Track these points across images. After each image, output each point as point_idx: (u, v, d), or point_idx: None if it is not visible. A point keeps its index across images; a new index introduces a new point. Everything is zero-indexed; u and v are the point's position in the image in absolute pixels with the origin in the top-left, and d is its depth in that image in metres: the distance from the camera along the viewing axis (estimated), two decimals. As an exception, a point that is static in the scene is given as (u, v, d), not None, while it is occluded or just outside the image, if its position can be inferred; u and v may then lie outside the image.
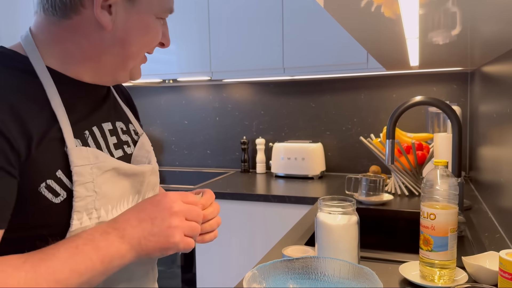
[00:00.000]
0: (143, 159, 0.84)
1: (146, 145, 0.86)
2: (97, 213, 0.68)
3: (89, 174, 0.67)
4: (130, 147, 0.82)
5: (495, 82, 1.58)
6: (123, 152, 0.79)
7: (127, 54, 0.73)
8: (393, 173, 2.02)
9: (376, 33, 1.09)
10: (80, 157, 0.67)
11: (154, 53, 0.82)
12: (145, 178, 0.80)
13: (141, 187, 0.80)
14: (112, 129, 0.79)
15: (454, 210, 0.96)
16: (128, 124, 0.85)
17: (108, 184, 0.71)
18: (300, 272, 0.81)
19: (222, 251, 2.23)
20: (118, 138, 0.79)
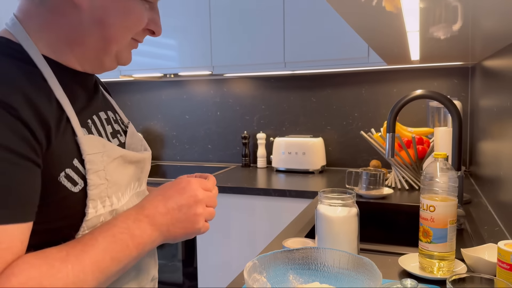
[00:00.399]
0: (138, 146, 0.84)
1: (136, 133, 0.86)
2: (110, 201, 0.69)
3: (100, 162, 0.68)
4: (122, 136, 0.82)
5: (495, 77, 1.58)
6: (118, 141, 0.79)
7: (108, 37, 0.70)
8: (393, 167, 2.03)
9: (377, 27, 1.09)
10: (90, 146, 0.67)
11: (155, 48, 0.82)
12: (145, 165, 0.82)
13: (141, 174, 0.81)
14: (107, 118, 0.78)
15: (453, 202, 0.97)
16: (115, 114, 0.84)
17: (117, 171, 0.71)
18: (300, 262, 0.82)
19: (223, 245, 2.24)
20: (112, 127, 0.79)
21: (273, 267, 0.80)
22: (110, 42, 0.70)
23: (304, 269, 0.82)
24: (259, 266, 0.78)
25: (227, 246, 2.24)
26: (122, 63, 0.76)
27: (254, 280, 0.75)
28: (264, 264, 0.79)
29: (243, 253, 2.21)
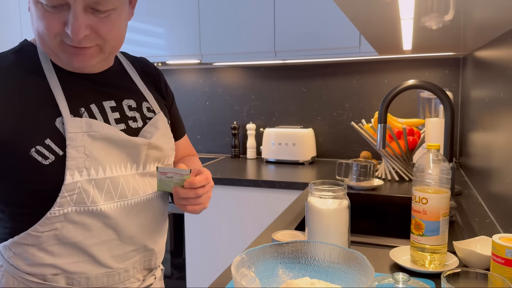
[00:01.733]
0: (147, 134, 0.92)
1: (159, 123, 0.94)
2: (87, 172, 0.81)
3: (80, 139, 0.80)
4: (137, 122, 0.92)
5: (487, 67, 1.56)
6: (126, 126, 0.89)
7: (40, 42, 0.81)
8: (384, 159, 2.01)
9: (371, 14, 1.07)
10: (73, 126, 0.80)
11: (142, 36, 0.84)
12: (139, 150, 0.88)
13: (138, 158, 0.88)
14: (115, 106, 0.90)
15: (446, 194, 0.95)
16: (142, 102, 0.95)
17: (100, 150, 0.83)
18: (289, 256, 0.79)
19: (211, 236, 2.21)
20: (123, 114, 0.90)
21: (262, 262, 0.78)
22: (42, 46, 0.81)
23: (294, 263, 0.80)
24: (248, 261, 0.75)
25: (216, 238, 2.21)
26: (73, 69, 0.85)
27: (242, 276, 0.73)
28: (253, 259, 0.77)
29: (232, 245, 2.18)
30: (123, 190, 0.86)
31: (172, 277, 2.33)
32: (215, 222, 2.20)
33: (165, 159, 0.96)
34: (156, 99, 1.00)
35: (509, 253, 0.75)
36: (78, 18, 0.75)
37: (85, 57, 0.81)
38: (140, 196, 0.89)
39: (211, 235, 2.22)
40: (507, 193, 1.21)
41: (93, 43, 0.80)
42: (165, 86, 1.07)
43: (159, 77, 1.06)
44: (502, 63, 1.33)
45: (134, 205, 0.88)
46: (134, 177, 0.89)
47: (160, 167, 0.86)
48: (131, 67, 1.00)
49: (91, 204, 0.81)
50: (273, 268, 0.78)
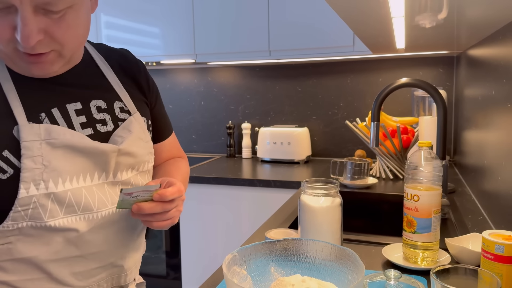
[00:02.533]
0: (118, 139, 0.82)
1: (133, 125, 0.85)
2: (45, 185, 0.72)
3: (37, 148, 0.72)
4: (107, 125, 0.83)
5: (480, 65, 1.57)
6: (93, 130, 0.80)
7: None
8: (378, 157, 2.02)
9: (363, 13, 1.07)
10: (30, 133, 0.71)
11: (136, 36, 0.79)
12: (108, 158, 0.79)
13: (106, 166, 0.80)
14: (81, 109, 0.80)
15: (437, 191, 0.95)
16: (114, 102, 0.85)
17: (61, 159, 0.74)
18: (281, 254, 0.80)
19: (207, 236, 2.22)
20: (90, 117, 0.81)
21: (254, 259, 0.78)
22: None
23: (286, 261, 0.80)
24: (239, 259, 0.76)
25: (211, 238, 2.21)
26: (31, 73, 0.74)
27: (233, 273, 0.73)
28: (245, 257, 0.77)
29: (227, 244, 2.18)
30: (87, 202, 0.77)
31: (168, 277, 2.33)
32: (211, 222, 2.20)
33: (140, 165, 0.87)
34: (133, 97, 0.90)
35: (498, 248, 0.75)
36: (28, 22, 0.64)
37: (44, 65, 0.72)
38: (108, 208, 0.80)
39: (206, 234, 2.22)
40: (499, 190, 1.22)
41: (49, 48, 0.69)
42: (146, 81, 0.96)
43: (140, 70, 0.95)
44: (494, 61, 1.34)
45: (101, 218, 0.79)
46: (102, 187, 0.80)
47: (125, 188, 0.74)
48: (103, 61, 0.89)
49: (48, 219, 0.72)
50: (265, 266, 0.79)
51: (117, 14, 2.57)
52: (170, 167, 1.01)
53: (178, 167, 1.03)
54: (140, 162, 0.86)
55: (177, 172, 0.99)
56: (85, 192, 0.76)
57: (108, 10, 2.59)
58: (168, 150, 1.05)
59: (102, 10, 2.60)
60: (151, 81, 0.98)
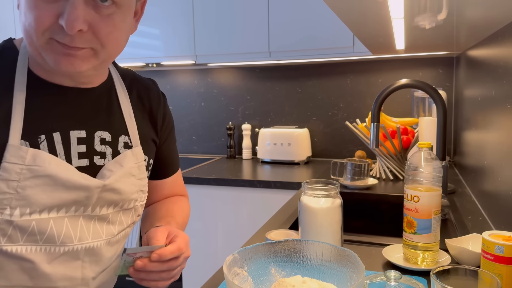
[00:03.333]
0: (107, 173, 0.77)
1: (127, 159, 0.80)
2: (10, 212, 0.67)
3: (16, 173, 0.67)
4: (105, 159, 0.78)
5: (480, 66, 1.57)
6: (89, 162, 0.76)
7: (25, 38, 0.68)
8: (378, 158, 2.02)
9: (362, 14, 1.07)
10: (14, 155, 0.67)
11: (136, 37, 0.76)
12: (91, 193, 0.74)
13: (88, 201, 0.74)
14: (85, 138, 0.76)
15: (437, 192, 0.95)
16: (120, 136, 0.81)
17: (37, 189, 0.69)
18: (282, 255, 0.80)
19: (207, 237, 2.22)
20: (91, 147, 0.77)
21: (255, 261, 0.78)
22: (28, 43, 0.68)
23: (286, 262, 0.80)
24: (240, 260, 0.76)
25: (212, 239, 2.21)
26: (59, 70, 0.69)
27: (234, 275, 0.73)
28: (245, 258, 0.77)
29: (228, 245, 2.19)
30: (51, 234, 0.71)
31: (168, 278, 2.33)
32: (211, 223, 2.20)
33: (125, 203, 0.81)
34: (141, 132, 0.86)
35: (498, 249, 0.76)
36: (78, 6, 0.63)
37: (76, 60, 0.68)
38: (73, 244, 0.73)
39: (207, 235, 2.22)
40: (499, 191, 1.22)
41: (88, 44, 0.67)
42: (163, 116, 0.92)
43: (159, 105, 0.91)
44: (493, 62, 1.34)
45: (64, 253, 0.73)
46: (77, 219, 0.74)
47: (129, 248, 0.68)
48: (123, 88, 0.85)
49: (6, 243, 0.68)
50: (265, 267, 0.79)
51: (117, 16, 2.57)
52: (173, 206, 0.96)
53: (181, 207, 0.98)
54: (125, 199, 0.80)
55: (179, 213, 0.95)
56: (53, 223, 0.71)
57: (108, 11, 2.58)
58: (169, 187, 1.00)
59: (102, 11, 2.60)
60: (168, 117, 0.94)
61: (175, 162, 1.00)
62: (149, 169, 0.89)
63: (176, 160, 1.00)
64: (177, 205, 0.97)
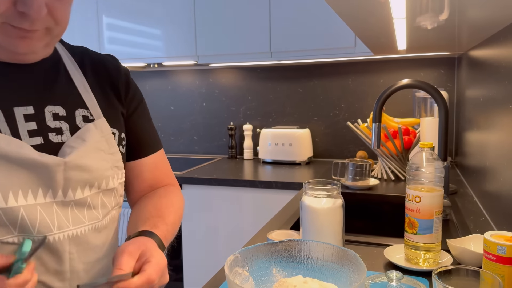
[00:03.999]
0: (67, 149, 0.71)
1: (90, 133, 0.75)
2: None
3: None
4: (63, 135, 0.72)
5: (481, 66, 1.57)
6: (43, 140, 0.70)
7: None
8: (380, 158, 2.02)
9: (364, 15, 1.07)
10: None
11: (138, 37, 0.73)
12: (52, 172, 0.68)
13: (52, 182, 0.69)
14: (33, 114, 0.70)
15: (439, 192, 0.95)
16: (77, 109, 0.75)
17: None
18: (283, 255, 0.80)
19: (209, 237, 2.22)
20: (42, 124, 0.71)
21: (256, 261, 0.78)
22: None
23: (287, 262, 0.80)
24: (241, 260, 0.76)
25: (213, 239, 2.21)
26: (16, 52, 0.67)
27: (235, 275, 0.73)
28: (247, 258, 0.77)
29: (229, 245, 2.19)
30: (24, 224, 0.66)
31: (169, 279, 2.33)
32: (212, 223, 2.20)
33: (101, 182, 0.75)
34: (103, 104, 0.80)
35: (500, 250, 0.75)
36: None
37: (33, 41, 0.66)
38: (53, 233, 0.68)
39: (208, 236, 2.22)
40: (501, 191, 1.22)
41: (45, 25, 0.66)
42: (125, 87, 0.86)
43: (119, 75, 0.85)
44: (495, 62, 1.34)
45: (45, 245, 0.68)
46: (50, 207, 0.69)
47: (82, 284, 0.61)
48: (73, 63, 0.80)
49: None
50: (267, 267, 0.79)
51: (119, 16, 2.58)
52: (161, 201, 0.87)
53: (170, 201, 0.88)
54: (99, 177, 0.75)
55: (168, 209, 0.85)
56: (23, 211, 0.66)
57: (110, 12, 2.59)
58: (150, 171, 0.91)
59: (104, 12, 2.61)
60: (134, 89, 0.88)
61: (151, 140, 0.92)
62: (123, 145, 0.84)
63: (153, 139, 0.93)
64: (165, 200, 0.87)
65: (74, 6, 2.92)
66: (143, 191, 0.92)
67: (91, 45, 2.64)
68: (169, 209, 0.85)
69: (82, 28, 2.67)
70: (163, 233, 0.77)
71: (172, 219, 0.83)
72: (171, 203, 0.87)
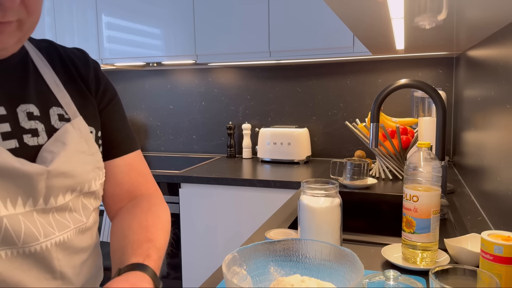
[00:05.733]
0: (47, 155, 0.66)
1: (69, 135, 0.70)
2: None
3: None
4: (39, 137, 0.67)
5: (479, 66, 1.58)
6: (18, 143, 0.64)
7: None
8: (378, 157, 2.03)
9: (362, 15, 1.07)
10: None
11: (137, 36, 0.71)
12: (33, 182, 0.63)
13: (33, 191, 0.64)
14: (5, 115, 0.64)
15: (437, 192, 0.96)
16: (50, 108, 0.70)
17: None
18: (281, 254, 0.80)
19: (207, 236, 2.22)
20: (16, 125, 0.65)
21: (254, 260, 0.78)
22: None
23: (285, 261, 0.80)
24: (239, 259, 0.76)
25: (212, 237, 2.22)
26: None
27: (233, 273, 0.73)
28: (244, 257, 0.77)
29: (228, 244, 2.19)
30: (8, 235, 0.61)
31: (168, 277, 2.33)
32: (211, 222, 2.21)
33: (84, 185, 0.71)
34: (78, 101, 0.75)
35: (497, 249, 0.76)
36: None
37: (4, 36, 0.61)
38: (40, 242, 0.64)
39: (207, 234, 2.22)
40: (498, 191, 1.22)
41: (17, 16, 0.60)
42: (95, 81, 0.80)
43: (89, 69, 0.80)
44: (493, 62, 1.34)
45: (30, 255, 0.63)
46: (31, 216, 0.64)
47: None
48: (40, 58, 0.74)
49: None
50: (264, 266, 0.79)
51: (118, 15, 2.57)
52: (147, 219, 0.78)
53: (158, 217, 0.79)
54: (82, 182, 0.71)
55: (156, 228, 0.77)
56: (6, 222, 0.61)
57: (109, 11, 2.59)
58: (125, 173, 0.83)
59: (103, 11, 2.60)
60: (105, 84, 0.82)
61: (125, 140, 0.84)
62: (99, 144, 0.78)
63: (128, 139, 0.85)
64: (152, 216, 0.79)
65: (73, 5, 2.90)
66: (119, 196, 0.84)
67: (90, 44, 2.64)
68: (157, 226, 0.77)
69: (81, 27, 2.67)
70: (157, 264, 0.70)
71: (163, 241, 0.76)
72: (158, 220, 0.79)
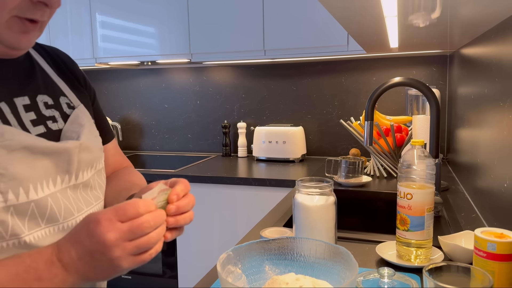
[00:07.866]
0: (73, 134, 0.75)
1: (81, 118, 0.78)
2: (3, 197, 0.61)
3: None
4: (58, 122, 0.74)
5: (473, 64, 1.58)
6: (45, 128, 0.71)
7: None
8: (372, 155, 2.03)
9: (355, 13, 1.08)
10: None
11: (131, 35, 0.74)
12: (71, 156, 0.71)
13: (70, 166, 0.71)
14: (30, 104, 0.71)
15: (430, 189, 0.96)
16: (59, 97, 0.78)
17: (20, 164, 0.63)
18: (276, 253, 0.80)
19: (203, 235, 2.22)
20: (39, 113, 0.72)
21: (249, 258, 0.78)
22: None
23: (280, 260, 0.80)
24: (234, 258, 0.76)
25: (207, 236, 2.22)
26: (13, 46, 0.67)
27: (228, 272, 0.73)
28: (239, 255, 0.77)
29: (224, 243, 2.19)
30: (53, 213, 0.67)
31: (164, 276, 2.33)
32: (207, 221, 2.21)
33: (98, 162, 0.80)
34: (74, 91, 0.83)
35: (490, 246, 0.76)
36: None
37: (31, 36, 0.67)
38: (74, 217, 0.71)
39: (202, 233, 2.22)
40: (492, 188, 1.23)
41: (47, 16, 0.67)
42: (83, 77, 0.89)
43: (74, 64, 0.88)
44: (486, 60, 1.35)
45: (68, 229, 0.70)
46: (65, 192, 0.71)
47: (145, 194, 0.64)
48: (36, 54, 0.80)
49: (11, 237, 0.62)
50: (259, 265, 0.79)
51: (113, 14, 2.56)
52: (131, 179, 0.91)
53: (139, 177, 0.93)
54: (96, 158, 0.80)
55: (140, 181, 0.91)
56: (51, 201, 0.67)
57: (104, 9, 2.58)
58: (113, 154, 0.97)
59: (97, 9, 2.59)
60: (87, 79, 0.91)
61: (108, 128, 0.96)
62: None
63: (109, 128, 0.97)
64: (134, 176, 0.93)
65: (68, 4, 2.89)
66: (107, 174, 0.95)
67: (84, 43, 2.62)
68: (142, 180, 0.92)
69: (75, 26, 2.65)
70: None
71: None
72: (141, 177, 0.94)
